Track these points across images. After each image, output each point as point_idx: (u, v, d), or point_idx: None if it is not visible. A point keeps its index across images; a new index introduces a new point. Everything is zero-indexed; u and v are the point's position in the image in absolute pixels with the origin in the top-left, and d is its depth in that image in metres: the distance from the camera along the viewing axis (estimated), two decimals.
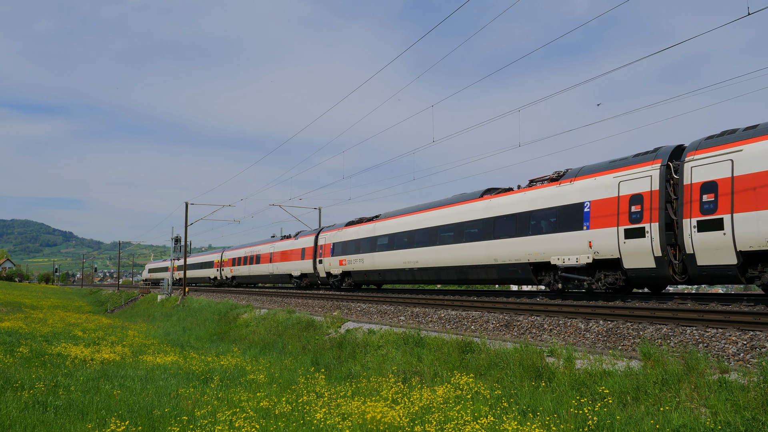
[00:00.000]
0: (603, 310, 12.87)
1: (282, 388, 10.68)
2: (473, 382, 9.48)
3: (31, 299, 53.82)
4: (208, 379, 11.94)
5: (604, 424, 6.93)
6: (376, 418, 7.72)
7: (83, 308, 52.98)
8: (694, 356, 7.97)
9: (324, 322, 18.08)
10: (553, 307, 13.92)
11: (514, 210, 17.81)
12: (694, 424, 6.50)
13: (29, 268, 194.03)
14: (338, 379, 11.88)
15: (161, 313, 38.53)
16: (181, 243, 49.92)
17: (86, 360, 14.29)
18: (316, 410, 8.51)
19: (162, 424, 7.92)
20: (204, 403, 9.20)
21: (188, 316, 31.72)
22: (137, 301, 53.75)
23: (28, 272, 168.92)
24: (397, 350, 13.04)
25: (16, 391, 9.73)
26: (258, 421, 7.95)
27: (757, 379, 7.02)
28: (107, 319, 35.05)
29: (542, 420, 7.35)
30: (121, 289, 76.94)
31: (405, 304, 19.19)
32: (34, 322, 25.72)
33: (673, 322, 10.68)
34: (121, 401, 9.27)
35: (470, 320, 14.74)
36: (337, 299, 23.77)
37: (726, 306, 12.10)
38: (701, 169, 12.84)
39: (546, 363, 9.60)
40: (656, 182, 13.72)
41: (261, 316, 23.34)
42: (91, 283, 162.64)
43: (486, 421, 7.30)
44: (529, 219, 17.11)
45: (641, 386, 7.84)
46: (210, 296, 39.14)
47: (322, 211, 46.37)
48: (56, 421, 8.03)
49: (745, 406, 6.63)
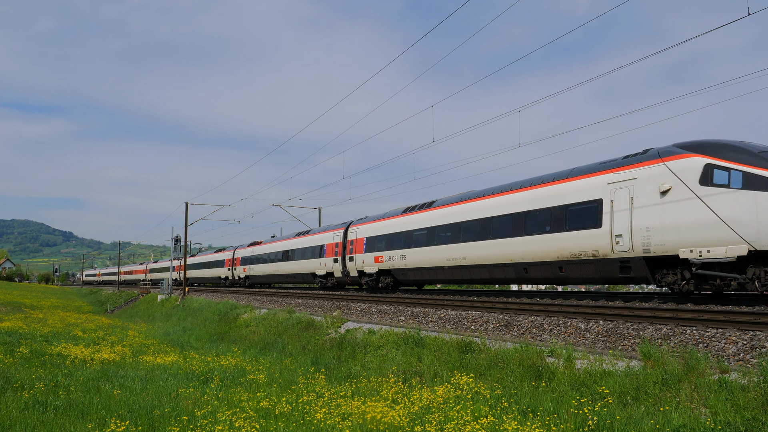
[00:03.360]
0: (603, 310, 12.87)
1: (282, 388, 10.68)
2: (473, 382, 9.48)
3: (31, 299, 53.82)
4: (208, 379, 11.94)
5: (604, 424, 6.93)
6: (376, 418, 7.72)
7: (83, 308, 52.98)
8: (694, 356, 7.96)
9: (324, 322, 18.09)
10: (553, 307, 13.92)
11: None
12: (694, 424, 6.50)
13: (29, 268, 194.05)
14: (338, 379, 11.88)
15: (161, 313, 38.55)
16: (181, 243, 49.91)
17: (86, 360, 14.29)
18: (316, 410, 8.51)
19: (162, 424, 7.92)
20: (204, 403, 9.20)
21: (188, 316, 31.73)
22: (137, 301, 53.76)
23: (28, 272, 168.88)
24: (397, 350, 13.04)
25: (16, 391, 9.73)
26: (258, 421, 7.95)
27: (757, 379, 7.02)
28: (107, 319, 35.05)
29: (542, 420, 7.35)
30: (121, 289, 77.00)
31: (405, 304, 19.19)
32: (34, 322, 25.73)
33: (673, 322, 10.68)
34: (121, 401, 9.28)
35: (470, 320, 14.74)
36: (337, 299, 23.77)
37: (726, 306, 12.10)
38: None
39: (546, 363, 9.60)
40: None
41: (261, 316, 23.34)
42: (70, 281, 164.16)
43: (486, 421, 7.30)
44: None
45: (641, 386, 7.84)
46: (210, 296, 39.13)
47: (322, 211, 46.36)
48: (56, 421, 8.03)
49: (745, 406, 6.63)
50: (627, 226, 13.92)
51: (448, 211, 20.95)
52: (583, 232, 15.09)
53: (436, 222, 21.45)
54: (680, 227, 12.79)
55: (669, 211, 13.07)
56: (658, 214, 13.28)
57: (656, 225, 13.24)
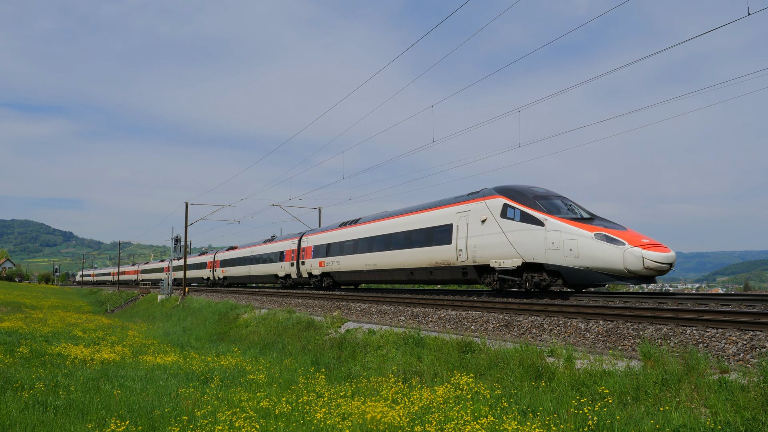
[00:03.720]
0: (603, 310, 12.87)
1: (282, 388, 10.68)
2: (473, 382, 9.48)
3: (31, 299, 53.82)
4: (208, 379, 11.94)
5: (604, 424, 6.93)
6: (376, 418, 7.72)
7: (83, 308, 52.98)
8: (694, 356, 7.96)
9: (324, 322, 18.08)
10: (553, 307, 13.92)
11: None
12: (694, 424, 6.50)
13: (29, 268, 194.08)
14: (338, 379, 11.88)
15: (161, 313, 38.55)
16: (181, 243, 49.93)
17: (86, 360, 14.29)
18: (316, 410, 8.51)
19: (162, 424, 7.92)
20: (204, 403, 9.20)
21: (188, 316, 31.73)
22: (137, 301, 53.77)
23: (28, 272, 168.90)
24: (397, 350, 13.04)
25: (16, 391, 9.73)
26: (258, 421, 7.95)
27: (757, 379, 7.02)
28: (107, 319, 35.05)
29: (542, 420, 7.35)
30: (121, 289, 77.02)
31: (405, 304, 19.19)
32: (34, 322, 25.73)
33: (673, 322, 10.67)
34: (121, 401, 9.27)
35: (470, 320, 14.74)
36: (337, 299, 23.76)
37: (726, 306, 12.11)
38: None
39: (546, 363, 9.60)
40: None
41: (261, 316, 23.34)
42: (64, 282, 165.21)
43: (486, 421, 7.30)
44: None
45: (641, 386, 7.84)
46: (210, 296, 39.14)
47: (322, 211, 46.36)
48: (56, 421, 8.03)
49: (745, 406, 6.63)
50: (465, 244, 19.15)
51: (366, 227, 26.27)
52: (442, 247, 20.32)
53: (359, 235, 26.83)
54: (490, 245, 17.96)
55: (485, 234, 18.25)
56: (480, 236, 18.46)
57: (480, 243, 18.43)
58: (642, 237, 15.33)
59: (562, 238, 15.73)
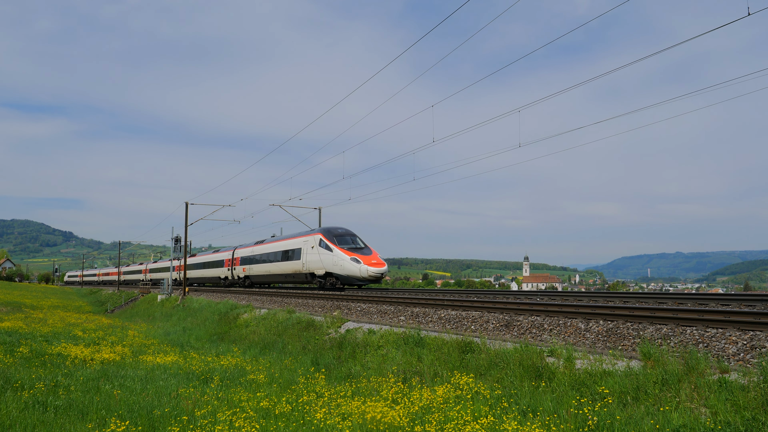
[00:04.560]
0: (603, 310, 12.87)
1: (282, 388, 10.68)
2: (473, 382, 9.48)
3: (31, 299, 53.83)
4: (208, 379, 11.94)
5: (604, 424, 6.93)
6: (376, 418, 7.72)
7: (83, 308, 52.99)
8: (694, 356, 7.96)
9: (324, 322, 18.08)
10: (553, 307, 13.92)
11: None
12: (694, 424, 6.50)
13: (29, 268, 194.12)
14: (338, 379, 11.88)
15: (161, 313, 38.54)
16: (181, 243, 49.95)
17: (86, 360, 14.29)
18: (316, 410, 8.51)
19: (162, 424, 7.92)
20: (204, 403, 9.20)
21: (188, 316, 31.73)
22: (137, 301, 53.76)
23: (28, 272, 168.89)
24: (397, 350, 13.04)
25: (16, 391, 9.73)
26: (258, 421, 7.95)
27: (757, 379, 7.02)
28: (107, 319, 35.05)
29: (542, 420, 7.35)
30: (121, 289, 77.00)
31: (405, 304, 19.19)
32: (34, 322, 25.72)
33: (673, 322, 10.67)
34: (121, 401, 9.27)
35: (470, 320, 14.74)
36: (337, 299, 23.77)
37: (726, 306, 12.11)
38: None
39: (546, 363, 9.60)
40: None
41: (261, 316, 23.34)
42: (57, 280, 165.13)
43: (486, 421, 7.30)
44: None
45: (641, 386, 7.84)
46: (210, 296, 39.14)
47: (322, 211, 46.36)
48: (56, 421, 8.03)
49: (745, 406, 6.63)
50: (305, 260, 32.63)
51: (262, 246, 40.80)
52: (295, 261, 34.24)
53: (260, 252, 41.05)
54: (314, 261, 31.48)
55: (313, 255, 31.75)
56: (311, 255, 31.93)
57: (310, 260, 31.95)
58: (373, 258, 28.92)
59: (338, 259, 29.39)
